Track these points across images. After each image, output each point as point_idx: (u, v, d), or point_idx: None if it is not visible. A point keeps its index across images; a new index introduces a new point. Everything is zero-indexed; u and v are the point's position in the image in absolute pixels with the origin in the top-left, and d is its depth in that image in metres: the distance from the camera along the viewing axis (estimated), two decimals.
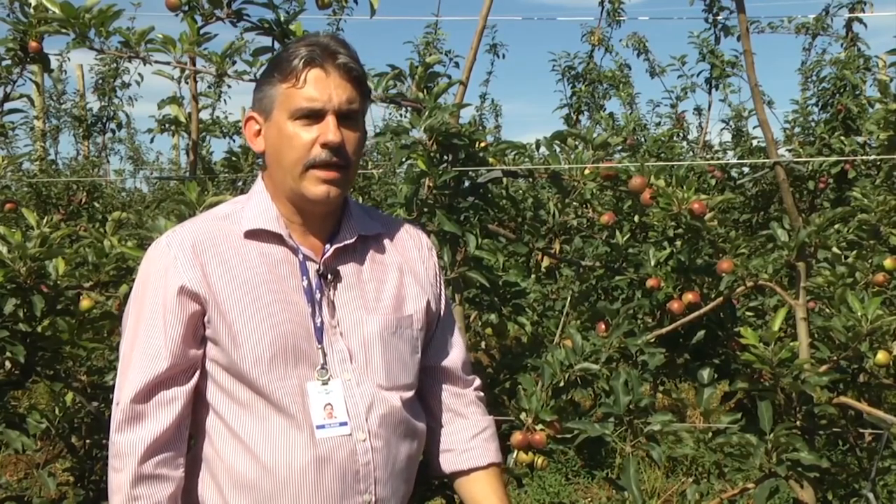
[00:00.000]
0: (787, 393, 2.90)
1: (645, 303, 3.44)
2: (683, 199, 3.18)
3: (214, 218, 1.99)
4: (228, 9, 3.16)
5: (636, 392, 2.76)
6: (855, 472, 3.01)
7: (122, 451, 1.81)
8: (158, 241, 1.94)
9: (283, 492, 1.85)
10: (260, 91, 1.95)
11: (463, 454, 2.15)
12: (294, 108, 1.88)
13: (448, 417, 2.18)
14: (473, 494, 2.14)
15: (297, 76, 1.88)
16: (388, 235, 2.10)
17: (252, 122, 1.97)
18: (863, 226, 3.76)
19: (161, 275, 1.87)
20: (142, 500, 1.80)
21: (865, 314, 2.90)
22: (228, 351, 1.85)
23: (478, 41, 3.20)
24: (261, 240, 1.93)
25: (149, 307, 1.86)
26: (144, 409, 1.82)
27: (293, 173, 1.89)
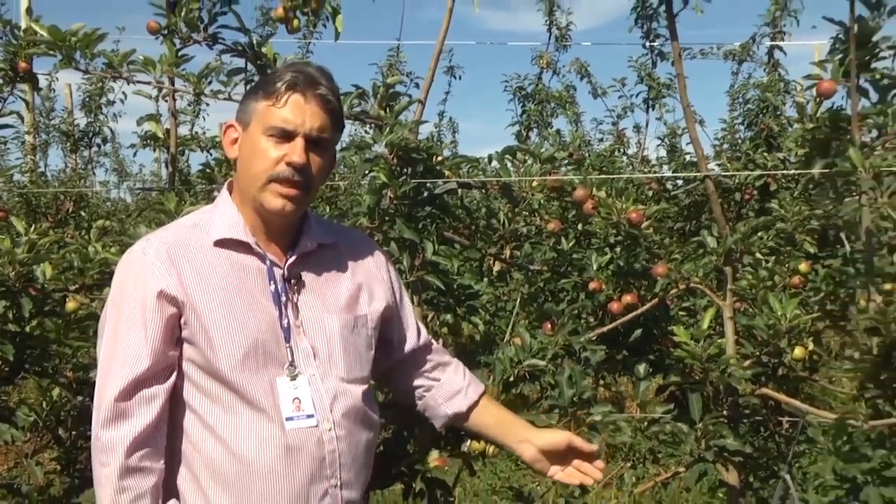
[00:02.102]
0: (715, 385, 2.92)
1: (588, 304, 3.45)
2: (622, 209, 3.21)
3: (184, 227, 1.99)
4: (205, 32, 3.15)
5: (579, 385, 2.76)
6: (774, 456, 3.05)
7: (109, 446, 1.79)
8: (133, 248, 1.93)
9: (257, 479, 1.85)
10: (244, 103, 1.98)
11: (470, 387, 2.27)
12: (269, 124, 1.90)
13: (440, 370, 2.29)
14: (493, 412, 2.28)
15: (278, 97, 1.90)
16: (343, 243, 2.12)
17: (231, 129, 2.00)
18: (781, 234, 3.80)
19: (139, 280, 1.86)
20: (128, 491, 1.78)
21: (784, 314, 2.94)
22: (204, 351, 1.85)
23: (435, 63, 3.20)
24: (230, 248, 1.94)
25: (128, 311, 1.85)
26: (128, 407, 1.81)
27: (257, 183, 1.91)
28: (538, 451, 2.20)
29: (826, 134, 2.98)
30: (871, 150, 2.86)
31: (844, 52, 2.80)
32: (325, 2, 3.17)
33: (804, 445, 3.20)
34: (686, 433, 2.83)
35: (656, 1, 2.90)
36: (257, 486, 1.86)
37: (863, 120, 2.87)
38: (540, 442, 2.19)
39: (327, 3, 3.18)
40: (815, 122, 3.02)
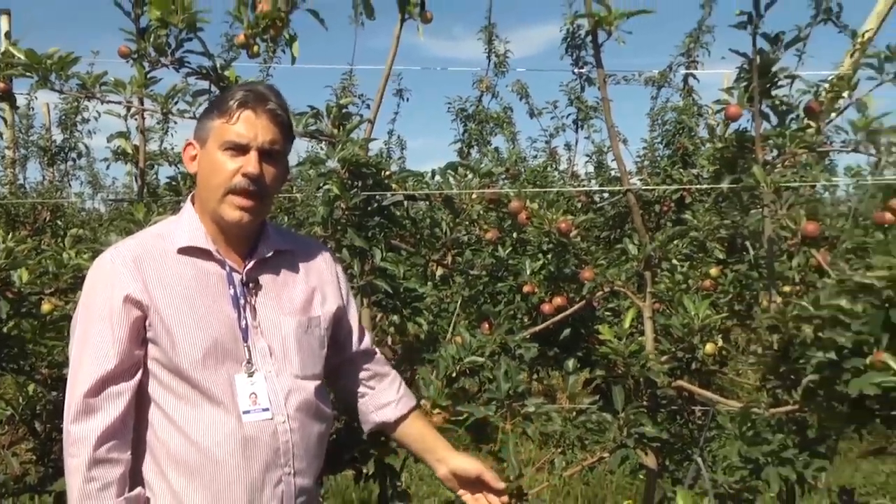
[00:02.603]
0: (635, 379, 2.95)
1: (522, 305, 3.47)
2: (553, 220, 3.24)
3: (150, 235, 2.00)
4: (172, 57, 3.14)
5: (515, 380, 2.77)
6: (688, 441, 3.09)
7: (78, 439, 1.79)
8: (103, 256, 1.93)
9: (216, 467, 1.86)
10: (200, 122, 1.98)
11: (401, 401, 2.26)
12: (224, 140, 1.91)
13: (376, 380, 2.27)
14: (418, 428, 2.27)
15: (231, 114, 1.91)
16: (298, 250, 2.13)
17: (190, 147, 2.00)
18: (694, 241, 3.86)
19: (107, 286, 1.86)
20: (97, 480, 1.78)
21: (697, 314, 2.98)
22: (167, 350, 1.85)
23: (383, 86, 3.21)
24: (192, 255, 1.95)
25: (97, 314, 1.85)
26: (96, 403, 1.81)
27: (216, 195, 1.92)
28: (450, 472, 2.22)
29: (733, 153, 3.04)
30: (773, 168, 2.93)
31: (748, 80, 2.86)
32: (283, 30, 3.16)
33: (714, 431, 3.24)
34: (610, 422, 2.85)
35: (584, 32, 2.92)
36: (217, 474, 1.86)
37: (765, 141, 2.93)
38: (453, 465, 2.21)
39: (285, 31, 3.17)
40: (724, 142, 3.07)
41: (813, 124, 2.98)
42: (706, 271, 3.69)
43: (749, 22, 2.77)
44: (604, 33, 2.82)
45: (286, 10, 3.11)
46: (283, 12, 3.10)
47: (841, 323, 2.45)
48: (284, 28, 3.15)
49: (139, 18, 3.20)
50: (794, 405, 2.76)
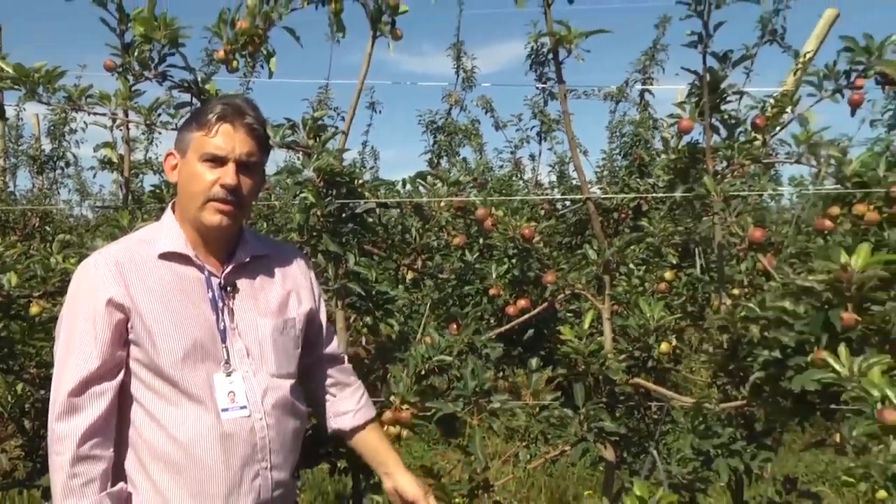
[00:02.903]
0: (595, 376, 2.96)
1: (488, 307, 3.48)
2: (517, 226, 3.25)
3: (133, 241, 1.98)
4: (155, 70, 3.12)
5: (481, 378, 2.78)
6: (644, 435, 3.11)
7: (63, 436, 1.78)
8: (87, 260, 1.92)
9: (196, 462, 1.86)
10: (180, 134, 1.98)
11: (359, 412, 2.26)
12: (204, 152, 1.91)
13: (338, 388, 2.27)
14: (372, 440, 2.27)
15: (210, 127, 1.92)
16: (274, 255, 2.13)
17: (171, 157, 2.00)
18: (650, 247, 3.89)
19: (91, 290, 1.86)
20: (80, 476, 1.78)
21: (653, 315, 3.01)
22: (148, 351, 1.85)
23: (356, 100, 3.21)
24: (172, 260, 1.95)
25: (81, 317, 1.84)
26: (80, 402, 1.80)
27: (196, 203, 1.93)
28: (394, 488, 2.24)
29: (686, 164, 3.07)
30: (722, 178, 2.96)
31: (699, 96, 2.90)
32: (261, 46, 3.16)
33: (668, 425, 3.27)
34: (571, 417, 2.86)
35: (546, 50, 2.95)
36: (197, 469, 1.86)
37: (715, 152, 2.97)
38: (398, 483, 2.23)
39: (263, 47, 3.17)
40: (677, 154, 3.10)
41: (759, 137, 3.02)
42: (661, 275, 3.72)
43: (699, 41, 2.80)
44: (564, 51, 2.84)
45: (264, 27, 3.11)
46: (260, 29, 3.10)
47: (785, 323, 2.49)
48: (262, 44, 3.15)
49: (124, 34, 3.19)
50: (743, 400, 2.79)
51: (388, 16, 3.10)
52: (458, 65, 8.26)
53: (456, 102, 8.20)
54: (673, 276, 3.76)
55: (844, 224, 2.91)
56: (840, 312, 2.36)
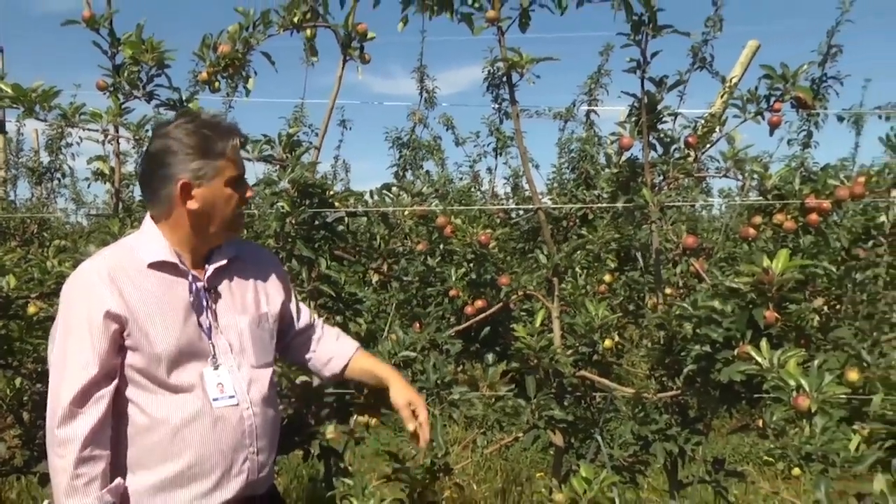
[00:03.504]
0: (545, 370, 2.97)
1: (449, 307, 3.49)
2: (474, 233, 3.27)
3: (123, 249, 1.95)
4: (143, 90, 3.11)
5: (442, 371, 2.79)
6: (590, 422, 3.13)
7: (64, 440, 1.75)
8: (80, 270, 1.88)
9: (193, 449, 1.86)
10: (193, 163, 1.90)
11: (340, 353, 2.31)
12: (230, 177, 1.93)
13: (316, 344, 2.31)
14: (362, 367, 2.30)
15: (232, 156, 1.93)
16: (244, 256, 2.12)
17: (187, 187, 1.91)
18: (590, 253, 3.92)
19: (87, 300, 1.82)
20: (83, 476, 1.75)
21: (597, 314, 3.03)
22: (147, 352, 1.83)
23: (328, 118, 3.22)
24: (160, 269, 1.92)
25: (77, 326, 1.81)
26: (80, 408, 1.77)
27: (227, 220, 1.96)
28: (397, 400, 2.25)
29: (626, 177, 3.10)
30: (659, 190, 3.00)
31: (638, 116, 2.93)
32: (241, 69, 3.15)
33: (611, 413, 3.30)
34: (524, 407, 2.88)
35: (501, 74, 2.96)
36: (193, 454, 1.86)
37: (652, 167, 3.00)
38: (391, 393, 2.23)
39: (243, 70, 3.16)
40: (619, 168, 3.14)
41: (691, 154, 3.07)
42: (601, 278, 3.75)
43: (638, 68, 2.83)
44: (517, 75, 2.86)
45: (243, 51, 3.10)
46: (240, 53, 3.09)
47: (714, 321, 2.53)
48: (242, 67, 3.14)
49: (115, 56, 3.17)
50: (677, 390, 2.83)
51: (357, 42, 3.11)
52: (421, 86, 8.27)
53: (420, 120, 8.20)
54: (612, 279, 3.78)
55: (767, 232, 2.96)
56: (762, 311, 2.40)
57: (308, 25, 3.13)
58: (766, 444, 5.15)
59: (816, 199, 2.83)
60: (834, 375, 2.15)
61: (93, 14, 3.10)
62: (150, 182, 1.94)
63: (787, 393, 2.11)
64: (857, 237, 3.83)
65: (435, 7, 2.87)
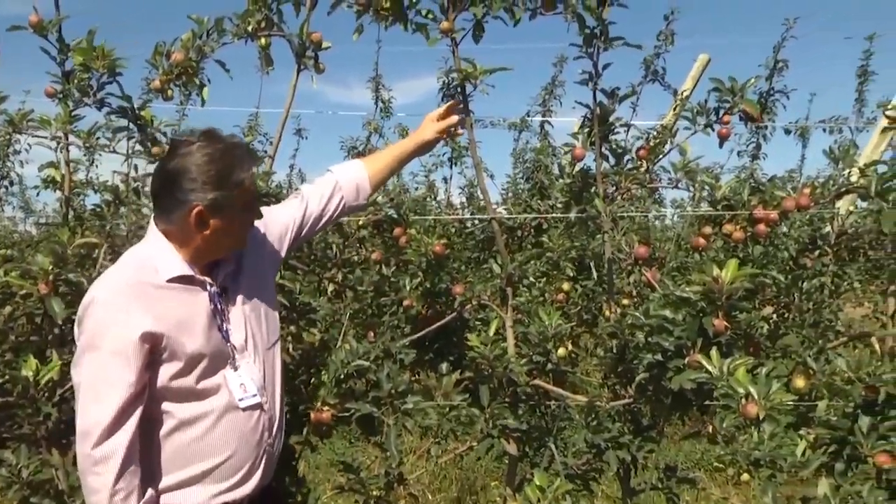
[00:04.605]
0: (499, 378, 2.97)
1: (403, 317, 3.49)
2: (428, 243, 3.27)
3: (134, 268, 1.91)
4: (94, 97, 3.05)
5: (396, 381, 2.79)
6: (544, 431, 3.14)
7: (104, 458, 1.76)
8: (103, 293, 1.84)
9: (219, 451, 1.93)
10: (211, 194, 1.89)
11: (349, 180, 2.42)
12: (245, 202, 1.96)
13: (332, 194, 2.39)
14: (380, 167, 2.49)
15: (247, 186, 1.95)
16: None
17: (201, 214, 1.90)
18: (549, 261, 3.94)
19: (118, 322, 1.80)
20: (121, 491, 1.77)
21: (551, 323, 3.04)
22: (180, 364, 1.85)
23: (281, 127, 3.20)
24: (179, 282, 1.92)
25: (112, 349, 1.79)
26: (118, 425, 1.77)
27: (237, 242, 2.00)
28: (432, 133, 2.51)
29: (579, 187, 3.12)
30: (612, 200, 3.03)
31: (591, 127, 2.96)
32: (195, 77, 3.12)
33: (565, 422, 3.32)
34: (478, 416, 2.88)
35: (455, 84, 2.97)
36: (221, 455, 1.92)
37: (605, 177, 3.03)
38: (429, 136, 2.50)
39: (196, 78, 3.13)
40: (572, 178, 3.16)
41: (643, 164, 3.10)
42: (559, 286, 3.77)
43: (590, 79, 2.86)
44: (471, 86, 2.87)
45: (197, 59, 3.07)
46: (194, 61, 3.06)
47: (666, 330, 2.56)
48: (196, 75, 3.11)
49: (64, 63, 3.11)
50: (630, 398, 2.85)
51: (312, 51, 3.10)
52: (376, 96, 8.27)
53: (375, 130, 8.20)
54: (570, 288, 3.81)
55: (718, 241, 3.01)
56: (712, 319, 2.44)
57: (262, 34, 3.12)
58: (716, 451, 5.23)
59: (764, 209, 2.89)
60: (781, 383, 2.19)
61: (41, 19, 3.05)
62: (163, 199, 1.94)
63: (736, 400, 2.14)
64: (804, 247, 3.93)
65: (389, 17, 2.87)
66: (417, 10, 2.86)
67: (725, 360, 2.27)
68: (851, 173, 2.91)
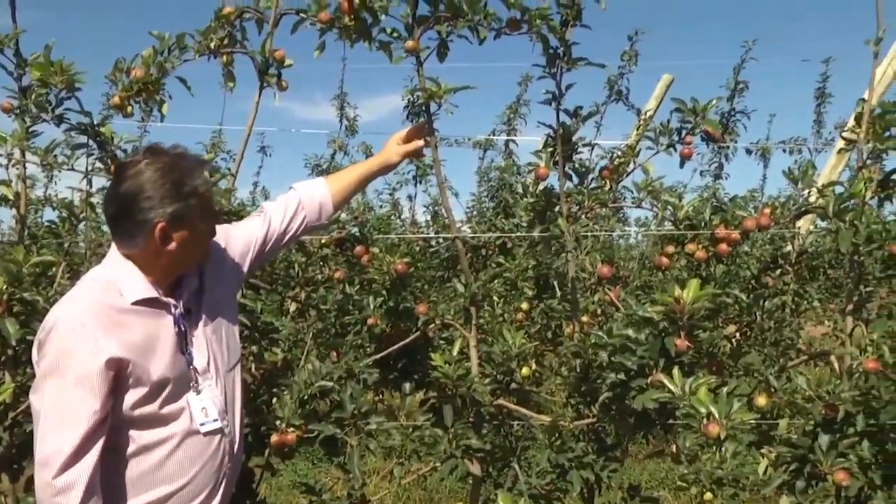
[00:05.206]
0: (463, 398, 2.98)
1: (366, 336, 3.47)
2: (391, 262, 3.27)
3: (101, 288, 1.87)
4: (52, 113, 3.01)
5: (359, 401, 2.78)
6: (507, 451, 3.14)
7: (66, 487, 1.71)
8: (66, 318, 1.79)
9: (179, 476, 1.90)
10: (171, 207, 1.86)
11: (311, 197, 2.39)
12: (204, 209, 1.93)
13: (296, 210, 2.36)
14: (342, 186, 2.45)
15: (204, 191, 1.93)
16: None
17: (164, 230, 1.87)
18: (507, 281, 3.95)
19: (82, 348, 1.76)
20: None
21: (514, 342, 3.05)
22: (145, 389, 1.82)
23: (244, 145, 3.17)
24: (143, 304, 1.89)
25: (75, 376, 1.75)
26: (81, 453, 1.73)
27: (202, 254, 1.99)
28: (398, 156, 2.54)
29: (543, 206, 3.14)
30: (576, 219, 3.05)
31: (554, 146, 2.99)
32: (156, 93, 3.10)
33: (529, 442, 3.32)
34: (441, 436, 2.88)
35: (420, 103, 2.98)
36: (182, 480, 1.89)
37: (568, 197, 3.06)
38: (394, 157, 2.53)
39: (157, 95, 3.11)
40: (536, 197, 3.18)
41: (607, 184, 3.13)
42: (518, 305, 3.78)
43: (554, 99, 2.89)
44: (435, 104, 2.88)
45: (158, 76, 3.05)
46: (154, 77, 3.04)
47: (629, 349, 2.58)
48: (157, 92, 3.08)
49: (21, 78, 3.07)
50: (593, 418, 2.87)
51: (275, 68, 3.09)
52: (341, 113, 8.27)
53: (340, 147, 8.19)
54: (529, 307, 3.82)
55: (682, 261, 3.05)
56: (674, 339, 2.46)
57: (225, 51, 3.10)
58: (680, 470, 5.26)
59: (726, 229, 2.93)
60: (743, 402, 2.21)
61: None
62: (122, 223, 1.89)
63: (697, 420, 2.16)
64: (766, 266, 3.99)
65: (353, 35, 2.88)
66: (382, 28, 2.87)
67: (687, 380, 2.29)
68: (810, 194, 2.97)
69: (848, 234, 2.68)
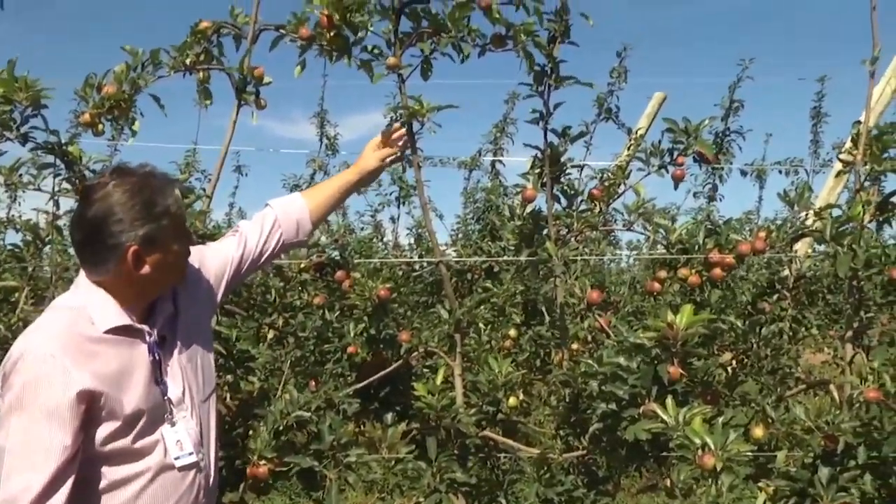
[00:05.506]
0: (447, 430, 2.95)
1: (346, 364, 3.45)
2: (373, 287, 3.26)
3: (70, 317, 1.84)
4: (17, 131, 2.99)
5: (339, 432, 2.76)
6: (494, 485, 3.11)
7: None
8: (37, 348, 1.75)
9: None
10: (142, 230, 1.84)
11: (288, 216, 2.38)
12: (177, 229, 1.91)
13: (270, 230, 2.34)
14: (320, 201, 2.45)
15: (175, 210, 1.91)
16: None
17: (137, 253, 1.84)
18: (494, 307, 3.95)
19: (53, 382, 1.71)
20: None
21: (501, 371, 3.03)
22: (121, 421, 1.79)
23: (220, 165, 3.17)
24: (116, 333, 1.85)
25: (45, 410, 1.70)
26: (52, 490, 1.68)
27: (177, 276, 1.97)
28: (376, 161, 2.57)
29: (530, 229, 3.15)
30: (565, 243, 3.06)
31: (542, 168, 3.00)
32: (128, 111, 3.09)
33: (516, 475, 3.30)
34: (424, 469, 2.87)
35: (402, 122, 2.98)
36: None
37: (557, 220, 3.06)
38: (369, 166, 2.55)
39: (128, 112, 3.10)
40: (523, 220, 3.19)
41: (596, 206, 3.15)
42: (506, 332, 3.77)
43: (541, 119, 2.90)
44: (418, 123, 2.88)
45: (131, 92, 3.04)
46: (127, 94, 3.03)
47: (620, 378, 2.58)
48: (129, 109, 3.07)
49: None
50: (584, 450, 2.86)
51: (253, 86, 3.10)
52: (321, 132, 8.28)
53: (320, 167, 8.19)
54: (516, 333, 3.82)
55: (674, 286, 3.06)
56: (667, 367, 2.46)
57: (201, 67, 3.10)
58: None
59: (720, 253, 2.94)
60: (739, 432, 2.21)
61: None
62: (92, 249, 1.85)
63: (692, 452, 2.16)
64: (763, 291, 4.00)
65: (334, 53, 2.89)
66: (363, 46, 2.88)
67: (681, 409, 2.28)
68: (807, 216, 2.99)
69: (846, 258, 2.70)
